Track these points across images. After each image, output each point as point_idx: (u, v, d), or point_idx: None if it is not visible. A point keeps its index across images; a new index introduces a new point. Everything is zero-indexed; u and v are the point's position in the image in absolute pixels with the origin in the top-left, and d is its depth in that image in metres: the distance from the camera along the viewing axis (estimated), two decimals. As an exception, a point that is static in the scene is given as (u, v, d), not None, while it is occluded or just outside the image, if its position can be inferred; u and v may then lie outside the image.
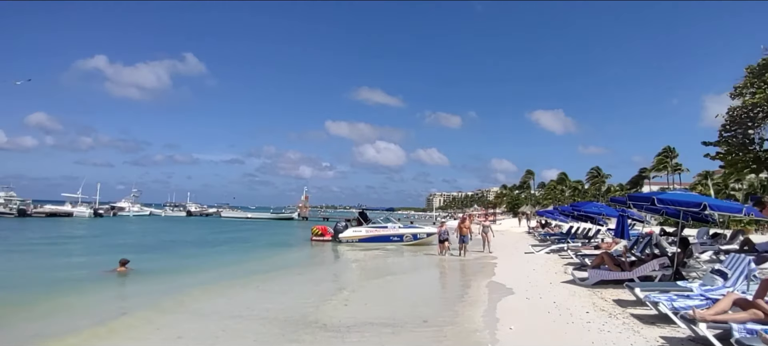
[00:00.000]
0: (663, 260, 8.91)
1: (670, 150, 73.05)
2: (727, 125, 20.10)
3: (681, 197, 8.83)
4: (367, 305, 8.90)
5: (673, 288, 7.39)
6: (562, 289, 9.32)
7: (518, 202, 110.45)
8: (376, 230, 23.49)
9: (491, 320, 7.04)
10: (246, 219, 67.28)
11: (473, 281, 11.60)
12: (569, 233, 22.22)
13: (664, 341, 5.43)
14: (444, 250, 16.82)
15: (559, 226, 29.94)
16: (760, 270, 8.86)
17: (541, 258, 15.52)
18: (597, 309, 7.33)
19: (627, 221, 15.78)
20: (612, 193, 79.60)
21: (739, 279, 6.95)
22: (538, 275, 11.57)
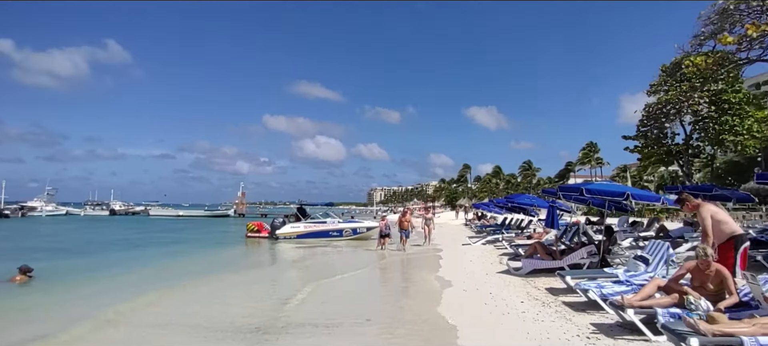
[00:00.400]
0: (590, 248, 9.25)
1: (592, 145, 78.66)
2: (644, 121, 21.69)
3: (606, 187, 9.22)
4: (307, 305, 8.44)
5: (600, 275, 7.66)
6: (498, 279, 9.42)
7: (456, 195, 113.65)
8: (314, 225, 22.92)
9: (431, 315, 6.90)
10: (177, 217, 63.32)
11: (415, 275, 11.53)
12: (504, 224, 22.97)
13: (595, 328, 5.52)
14: (384, 245, 16.43)
15: (495, 217, 30.93)
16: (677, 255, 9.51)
17: (478, 249, 15.83)
18: (531, 298, 7.41)
19: (556, 211, 16.52)
20: (542, 185, 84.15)
21: (660, 264, 7.31)
22: (475, 266, 11.69)
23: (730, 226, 5.90)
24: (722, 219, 6.00)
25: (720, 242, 5.84)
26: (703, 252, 5.08)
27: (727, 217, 6.06)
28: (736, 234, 5.81)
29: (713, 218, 6.01)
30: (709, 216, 5.98)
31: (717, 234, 5.90)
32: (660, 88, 20.36)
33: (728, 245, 5.81)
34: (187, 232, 34.28)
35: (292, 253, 17.96)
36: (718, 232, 5.89)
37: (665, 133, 21.48)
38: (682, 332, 4.15)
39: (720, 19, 10.12)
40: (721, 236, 5.86)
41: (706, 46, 10.83)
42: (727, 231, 5.85)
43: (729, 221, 5.99)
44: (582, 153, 78.23)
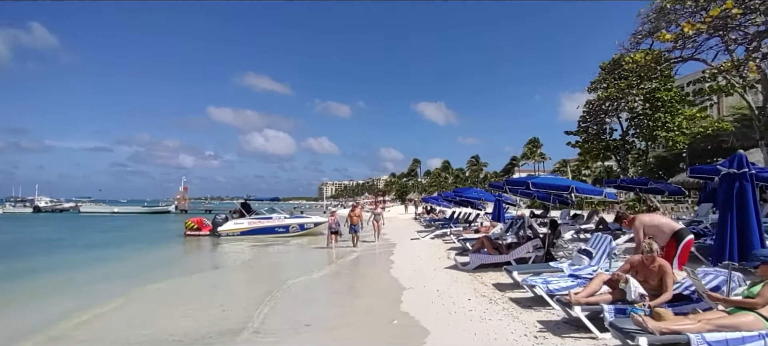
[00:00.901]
0: (536, 241, 9.24)
1: (535, 141, 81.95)
2: (584, 116, 22.50)
3: (552, 181, 9.25)
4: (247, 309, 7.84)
5: (545, 269, 7.61)
6: (445, 275, 9.22)
7: (406, 189, 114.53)
8: (259, 221, 22.00)
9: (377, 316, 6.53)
10: (111, 214, 59.22)
11: (367, 274, 11.20)
12: (452, 218, 23.11)
13: (542, 326, 5.36)
14: (334, 242, 15.58)
15: (443, 211, 31.22)
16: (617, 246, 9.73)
17: (426, 244, 15.69)
18: (478, 295, 7.22)
19: (503, 205, 16.75)
20: (489, 179, 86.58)
21: (603, 257, 7.32)
22: (423, 261, 11.47)
23: (668, 226, 5.97)
24: (658, 223, 6.08)
25: (664, 243, 5.90)
26: (650, 248, 5.03)
27: (663, 219, 6.15)
28: (676, 230, 5.87)
29: (649, 226, 6.10)
30: (641, 228, 6.11)
31: (659, 238, 5.95)
32: (600, 86, 21.23)
33: (671, 242, 5.86)
34: (119, 230, 31.96)
35: (235, 252, 16.93)
36: (660, 235, 5.95)
37: (604, 129, 22.46)
38: (631, 330, 4.01)
39: (657, 18, 10.49)
40: (663, 238, 5.92)
41: (644, 44, 11.22)
42: (667, 231, 5.92)
43: (666, 222, 6.06)
44: (526, 148, 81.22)
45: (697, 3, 9.50)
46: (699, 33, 8.96)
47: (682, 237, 5.75)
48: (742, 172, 5.58)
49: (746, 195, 5.53)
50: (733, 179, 5.65)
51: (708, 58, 10.63)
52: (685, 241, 5.72)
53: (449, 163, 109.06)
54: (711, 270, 5.21)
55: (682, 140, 20.56)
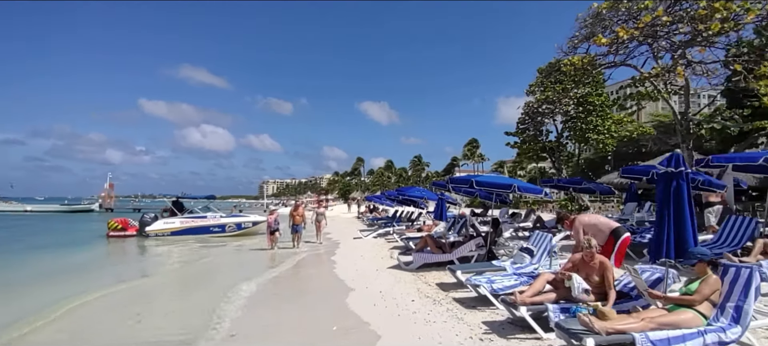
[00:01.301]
0: (478, 240, 9.22)
1: (474, 142, 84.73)
2: (523, 118, 23.29)
3: (495, 180, 9.26)
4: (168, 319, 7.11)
5: (488, 268, 7.55)
6: (388, 276, 8.96)
7: (350, 188, 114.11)
8: (193, 220, 20.68)
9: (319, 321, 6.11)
10: (24, 212, 53.70)
11: (308, 276, 10.56)
12: (395, 216, 23.04)
13: (487, 327, 5.21)
14: (274, 242, 14.56)
15: (386, 210, 31.17)
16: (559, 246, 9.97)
17: (369, 243, 15.41)
18: (422, 296, 7.01)
19: (445, 204, 16.83)
20: (431, 179, 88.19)
21: (543, 255, 7.38)
22: (366, 261, 11.16)
23: (605, 224, 6.06)
24: (596, 222, 6.17)
25: (603, 242, 5.97)
26: (588, 243, 5.03)
27: (601, 219, 6.25)
28: (614, 228, 5.96)
29: (588, 225, 6.18)
30: (580, 229, 6.17)
31: (598, 236, 6.03)
32: (537, 89, 22.08)
33: (610, 240, 5.94)
34: (33, 229, 28.91)
35: (164, 255, 15.49)
36: (599, 234, 6.03)
37: (541, 131, 23.42)
38: (577, 331, 3.92)
39: (594, 23, 10.92)
40: (601, 237, 6.00)
41: (581, 48, 11.65)
42: (605, 230, 6.00)
43: (604, 221, 6.15)
44: (466, 149, 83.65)
45: (630, 11, 10.00)
46: (632, 38, 9.40)
47: (619, 235, 5.86)
48: (678, 171, 5.76)
49: (682, 193, 5.71)
50: (671, 177, 5.82)
51: (638, 65, 11.25)
52: (622, 238, 5.82)
53: (392, 163, 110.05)
54: (647, 267, 5.31)
55: (611, 143, 21.88)
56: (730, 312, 3.90)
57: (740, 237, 7.76)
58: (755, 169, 7.72)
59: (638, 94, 12.01)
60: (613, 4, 10.16)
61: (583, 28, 11.18)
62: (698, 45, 8.90)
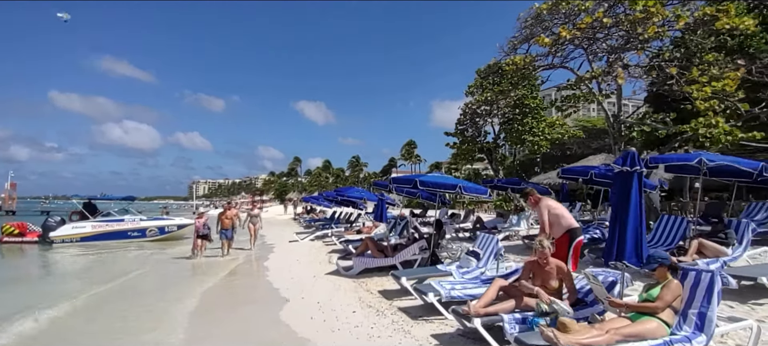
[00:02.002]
0: (422, 243, 8.80)
1: (412, 143, 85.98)
2: (461, 119, 23.49)
3: (439, 180, 8.89)
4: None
5: (434, 273, 7.13)
6: (327, 283, 8.29)
7: (286, 188, 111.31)
8: (108, 224, 18.58)
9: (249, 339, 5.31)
10: None
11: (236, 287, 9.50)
12: (333, 218, 22.31)
13: (436, 341, 4.78)
14: (200, 249, 12.45)
15: (324, 211, 30.29)
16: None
17: (306, 246, 14.59)
18: (364, 306, 6.43)
19: (385, 205, 16.39)
20: (369, 179, 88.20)
21: (490, 258, 7.07)
22: (302, 267, 10.39)
23: (566, 219, 5.81)
24: (560, 213, 5.91)
25: (557, 235, 5.72)
26: (540, 245, 4.70)
27: (565, 211, 5.99)
28: (572, 227, 5.73)
29: (551, 212, 5.91)
30: (546, 211, 5.89)
31: (555, 228, 5.78)
32: (476, 90, 22.35)
33: (564, 238, 5.70)
34: None
35: (70, 265, 13.37)
36: (557, 225, 5.77)
37: (480, 132, 23.76)
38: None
39: (534, 23, 10.98)
40: (558, 230, 5.75)
41: (521, 49, 11.71)
42: (563, 225, 5.76)
43: (566, 215, 5.91)
44: (404, 150, 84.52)
45: (569, 13, 10.14)
46: (573, 39, 9.51)
47: (575, 236, 5.62)
48: (634, 169, 5.63)
49: (637, 193, 5.59)
50: (627, 177, 5.68)
51: (574, 68, 11.50)
52: (576, 240, 5.58)
53: (330, 163, 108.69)
54: (599, 270, 5.08)
55: (545, 145, 22.67)
56: (693, 319, 3.69)
57: (673, 237, 7.95)
58: (689, 169, 7.95)
59: (574, 97, 12.31)
60: (552, 6, 10.25)
61: (524, 28, 11.24)
62: (634, 49, 9.14)
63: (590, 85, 11.23)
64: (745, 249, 6.73)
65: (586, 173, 9.08)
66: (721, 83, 8.13)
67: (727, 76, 8.17)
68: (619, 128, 11.24)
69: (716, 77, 8.11)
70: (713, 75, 8.03)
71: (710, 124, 10.61)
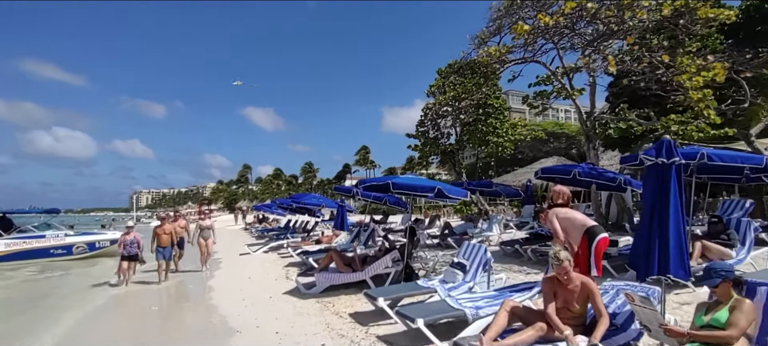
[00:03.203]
0: (394, 254, 7.78)
1: (366, 148, 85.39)
2: (422, 120, 22.74)
3: (416, 182, 7.88)
4: None
5: (414, 290, 6.13)
6: (286, 305, 7.06)
7: (236, 197, 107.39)
8: (24, 242, 16.18)
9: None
10: None
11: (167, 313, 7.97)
12: (288, 227, 20.80)
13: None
14: (128, 273, 9.73)
15: (277, 220, 28.59)
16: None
17: (259, 260, 13.13)
18: (334, 335, 5.31)
19: (346, 211, 15.27)
20: (324, 186, 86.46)
21: (478, 271, 6.16)
22: (255, 285, 9.05)
23: (581, 220, 5.00)
24: (570, 216, 5.10)
25: (576, 241, 4.88)
26: (556, 258, 3.80)
27: (576, 212, 5.17)
28: (588, 226, 4.89)
29: (560, 217, 5.11)
30: (554, 218, 5.10)
31: (571, 233, 4.95)
32: (437, 90, 21.67)
33: (583, 242, 4.86)
34: None
35: None
36: (572, 230, 4.98)
37: (442, 133, 23.12)
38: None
39: (506, 14, 10.35)
40: (575, 234, 4.92)
41: (491, 42, 11.03)
42: (578, 226, 4.98)
43: (578, 216, 5.08)
44: (359, 155, 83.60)
45: (544, 3, 9.59)
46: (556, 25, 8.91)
47: (594, 235, 4.80)
48: (672, 161, 4.84)
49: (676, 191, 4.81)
50: (662, 171, 4.88)
51: (545, 63, 10.98)
52: (598, 239, 4.75)
53: (281, 171, 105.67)
54: (633, 284, 4.25)
55: (509, 146, 22.40)
56: (774, 351, 2.87)
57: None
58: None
59: (544, 94, 11.82)
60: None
61: (495, 19, 10.58)
62: (617, 37, 8.66)
63: (563, 80, 10.75)
64: (749, 251, 6.21)
65: (568, 172, 8.45)
66: (711, 73, 7.76)
67: (714, 66, 7.82)
68: (593, 125, 10.80)
69: (705, 67, 7.74)
70: (700, 65, 7.66)
71: (682, 122, 10.38)
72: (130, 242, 9.70)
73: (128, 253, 9.66)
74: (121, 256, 9.67)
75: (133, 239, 9.77)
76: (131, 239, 9.74)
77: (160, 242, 10.16)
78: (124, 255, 9.64)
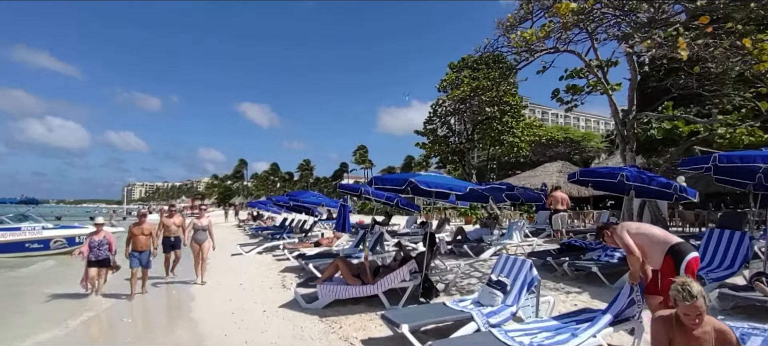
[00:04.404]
0: (412, 264, 6.62)
1: (363, 148, 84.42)
2: (431, 118, 21.56)
3: (445, 181, 6.75)
4: None
5: (444, 315, 5.00)
6: (282, 324, 5.91)
7: (231, 192, 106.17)
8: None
9: None
10: None
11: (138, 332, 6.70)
12: (284, 226, 19.60)
13: None
14: (96, 283, 7.82)
15: (272, 218, 27.41)
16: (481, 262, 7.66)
17: (252, 262, 11.95)
18: (346, 372, 4.13)
19: (349, 212, 14.08)
20: (320, 184, 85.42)
21: (522, 292, 5.01)
22: (247, 295, 7.87)
23: (664, 236, 3.94)
24: (648, 232, 4.04)
25: (656, 263, 3.80)
26: (686, 292, 2.65)
27: (654, 228, 4.09)
28: (673, 244, 3.81)
29: (633, 232, 4.03)
30: (626, 233, 4.00)
31: (651, 253, 3.86)
32: (451, 84, 20.46)
33: (667, 263, 3.78)
34: None
35: None
36: (651, 248, 3.89)
37: (453, 131, 21.93)
38: None
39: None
40: (656, 254, 3.85)
41: (523, 27, 9.87)
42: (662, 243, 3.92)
43: (656, 231, 4.00)
44: (357, 154, 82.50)
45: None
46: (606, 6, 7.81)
47: (682, 254, 3.75)
48: None
49: None
50: None
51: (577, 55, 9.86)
52: (688, 259, 3.68)
53: (278, 166, 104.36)
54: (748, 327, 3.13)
55: (525, 147, 21.26)
56: None
57: (733, 258, 6.30)
58: (745, 173, 6.35)
59: (576, 88, 10.73)
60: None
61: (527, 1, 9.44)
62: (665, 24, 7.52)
63: (597, 73, 9.65)
64: None
65: (614, 175, 7.34)
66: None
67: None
68: (632, 125, 9.69)
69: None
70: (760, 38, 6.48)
71: (729, 124, 9.31)
72: (98, 244, 7.78)
73: (96, 257, 7.72)
74: (88, 261, 7.72)
75: (103, 239, 7.89)
76: (100, 239, 7.85)
77: (135, 245, 7.93)
78: (92, 260, 7.70)
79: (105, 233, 8.06)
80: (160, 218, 9.86)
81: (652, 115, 10.34)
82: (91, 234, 8.11)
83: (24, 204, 17.84)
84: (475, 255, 10.69)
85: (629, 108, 9.74)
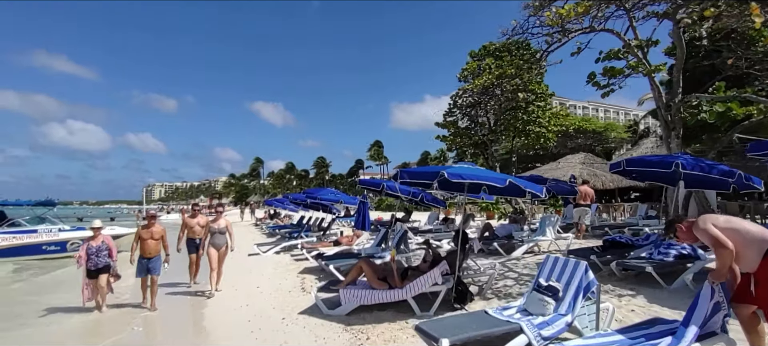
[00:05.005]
0: (443, 266, 6.02)
1: (379, 144, 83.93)
2: (451, 109, 20.78)
3: (479, 173, 6.11)
4: None
5: (489, 327, 4.36)
6: (303, 333, 5.36)
7: (248, 191, 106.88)
8: (14, 237, 14.80)
9: None
10: None
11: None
12: (301, 224, 19.14)
13: None
14: (99, 295, 6.92)
15: (289, 216, 27.04)
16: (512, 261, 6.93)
17: (270, 262, 11.47)
18: (378, 396, 3.55)
19: (368, 209, 13.52)
20: (336, 181, 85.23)
21: (577, 299, 4.36)
22: (265, 299, 7.36)
23: (761, 233, 3.25)
24: (740, 227, 3.34)
25: (752, 264, 3.15)
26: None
27: (746, 222, 3.40)
28: None
29: (721, 226, 3.33)
30: (711, 226, 3.29)
31: (746, 252, 3.20)
32: (473, 73, 19.60)
33: (765, 267, 3.11)
34: None
35: None
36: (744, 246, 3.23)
37: (476, 122, 21.08)
38: None
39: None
40: (751, 253, 3.19)
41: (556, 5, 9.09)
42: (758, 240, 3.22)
43: (755, 229, 3.31)
44: (372, 150, 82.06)
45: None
46: None
47: None
48: None
49: None
50: None
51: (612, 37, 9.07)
52: None
53: (293, 165, 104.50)
54: None
55: (552, 137, 20.33)
56: None
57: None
58: None
59: (615, 70, 9.89)
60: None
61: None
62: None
63: (638, 53, 8.85)
64: None
65: (668, 164, 6.61)
66: None
67: None
68: (678, 109, 8.88)
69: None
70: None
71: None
72: (96, 250, 6.87)
73: (95, 266, 6.83)
74: (87, 271, 6.87)
75: (102, 244, 6.98)
76: (98, 245, 6.93)
77: (143, 250, 7.04)
78: (92, 269, 6.84)
79: (103, 238, 7.14)
80: (182, 218, 9.24)
81: (704, 96, 9.46)
82: (88, 239, 7.11)
83: (41, 206, 17.76)
84: (505, 253, 10.03)
85: (675, 90, 8.90)
